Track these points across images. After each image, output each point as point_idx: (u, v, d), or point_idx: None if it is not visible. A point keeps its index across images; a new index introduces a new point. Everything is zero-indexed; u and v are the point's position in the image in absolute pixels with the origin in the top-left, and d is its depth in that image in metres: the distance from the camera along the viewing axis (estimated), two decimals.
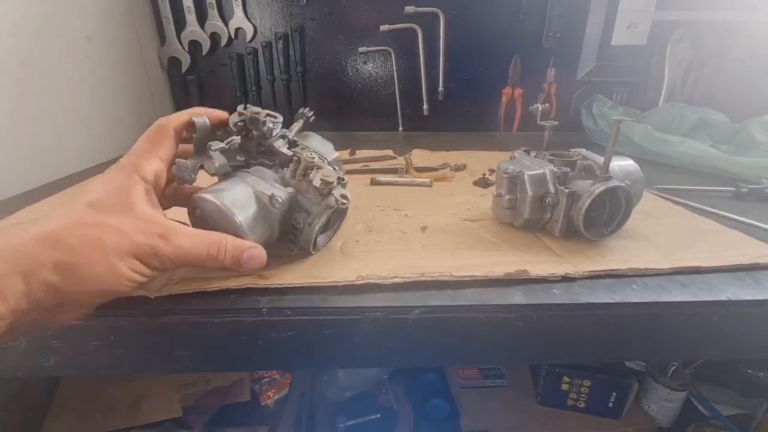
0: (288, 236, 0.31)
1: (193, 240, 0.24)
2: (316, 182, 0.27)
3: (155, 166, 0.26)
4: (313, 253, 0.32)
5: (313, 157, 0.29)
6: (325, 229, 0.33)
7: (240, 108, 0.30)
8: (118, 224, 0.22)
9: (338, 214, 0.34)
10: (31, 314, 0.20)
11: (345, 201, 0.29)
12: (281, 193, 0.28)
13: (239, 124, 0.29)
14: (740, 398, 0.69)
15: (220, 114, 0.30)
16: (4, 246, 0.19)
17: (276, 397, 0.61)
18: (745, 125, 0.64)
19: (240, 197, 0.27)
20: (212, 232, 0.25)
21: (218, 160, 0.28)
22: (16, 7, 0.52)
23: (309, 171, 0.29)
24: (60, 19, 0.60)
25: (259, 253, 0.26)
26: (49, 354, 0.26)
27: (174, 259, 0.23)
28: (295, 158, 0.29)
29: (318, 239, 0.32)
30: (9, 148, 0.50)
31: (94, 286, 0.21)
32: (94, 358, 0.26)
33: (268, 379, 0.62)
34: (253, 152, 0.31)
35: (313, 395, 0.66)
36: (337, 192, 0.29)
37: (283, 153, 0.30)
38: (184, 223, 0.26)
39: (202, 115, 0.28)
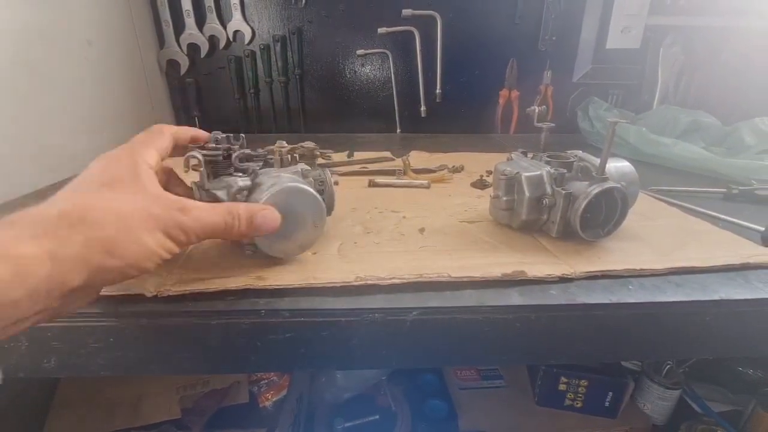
0: None
1: (209, 211, 0.25)
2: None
3: (153, 154, 0.26)
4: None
5: None
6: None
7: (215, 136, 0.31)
8: (139, 200, 0.22)
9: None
10: (47, 300, 0.19)
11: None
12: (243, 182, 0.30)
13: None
14: (731, 395, 0.70)
15: (201, 135, 0.31)
16: (27, 224, 0.19)
17: (274, 399, 0.60)
18: (735, 128, 0.65)
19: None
20: (225, 203, 0.26)
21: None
22: (20, 13, 0.52)
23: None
24: (61, 23, 0.60)
25: (271, 213, 0.27)
26: (50, 355, 0.26)
27: (197, 231, 0.24)
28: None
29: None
30: (11, 150, 0.50)
31: (124, 261, 0.21)
32: (94, 360, 0.27)
33: (266, 381, 0.62)
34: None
35: (312, 397, 0.66)
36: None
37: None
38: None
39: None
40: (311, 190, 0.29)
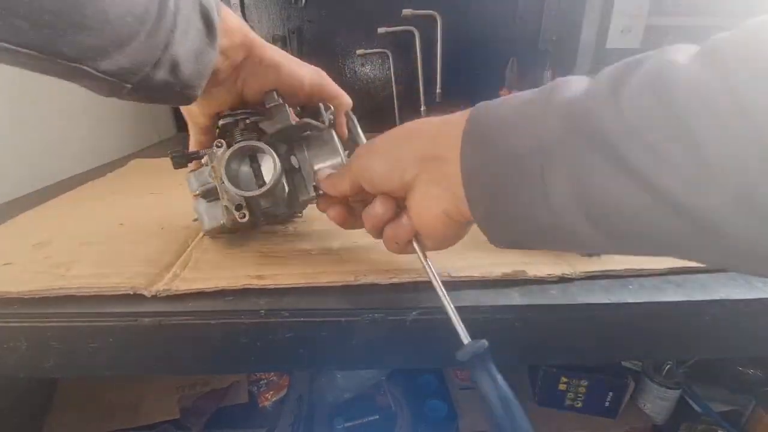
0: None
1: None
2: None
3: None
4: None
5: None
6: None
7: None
8: None
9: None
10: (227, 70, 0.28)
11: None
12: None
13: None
14: (731, 395, 0.70)
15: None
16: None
17: (274, 399, 0.60)
18: None
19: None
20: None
21: (192, 184, 0.32)
22: None
23: None
24: None
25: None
26: (49, 355, 0.26)
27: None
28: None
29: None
30: (11, 150, 0.51)
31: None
32: (93, 360, 0.27)
33: (266, 381, 0.62)
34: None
35: (312, 397, 0.66)
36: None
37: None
38: None
39: None
40: None
